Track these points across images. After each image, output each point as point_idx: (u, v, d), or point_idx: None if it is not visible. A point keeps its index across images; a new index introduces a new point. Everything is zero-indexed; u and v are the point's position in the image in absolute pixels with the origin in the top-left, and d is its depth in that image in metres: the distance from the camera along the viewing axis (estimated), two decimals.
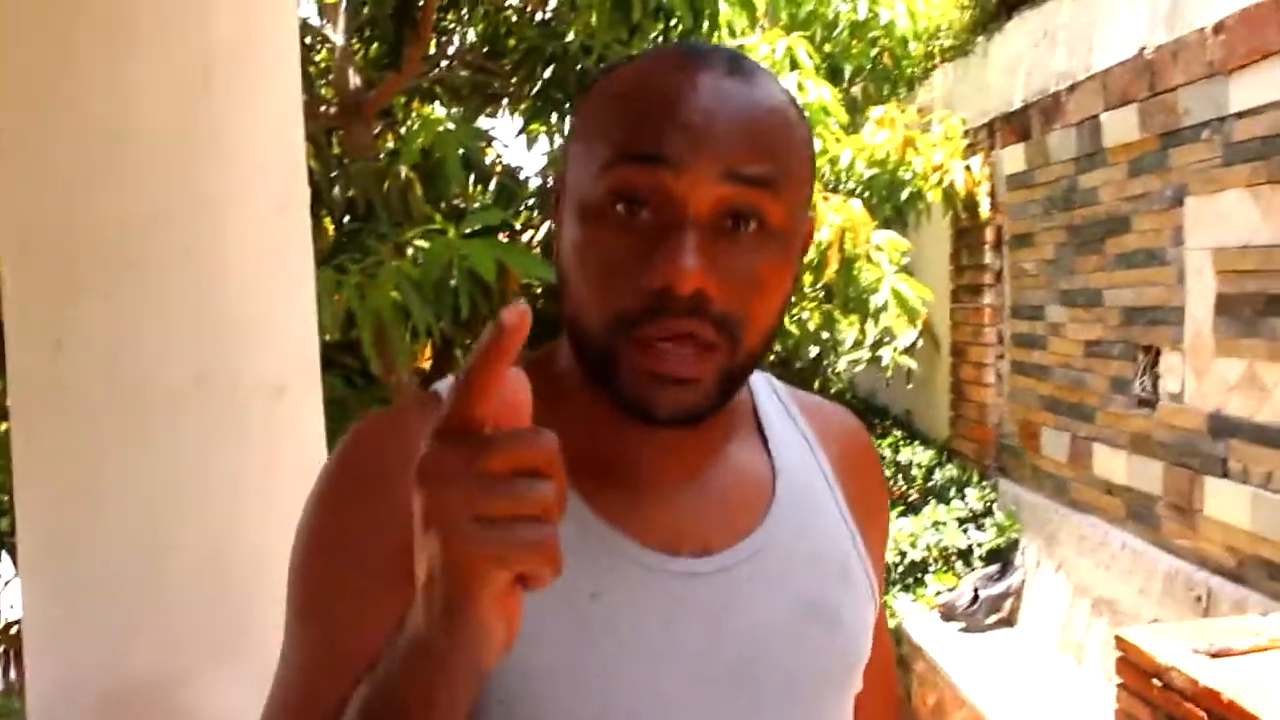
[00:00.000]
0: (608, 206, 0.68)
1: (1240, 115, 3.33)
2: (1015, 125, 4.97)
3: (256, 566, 1.64)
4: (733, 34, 4.77)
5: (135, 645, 1.54)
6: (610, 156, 0.68)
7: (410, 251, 3.55)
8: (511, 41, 5.51)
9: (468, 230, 3.54)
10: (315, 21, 4.71)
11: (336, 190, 3.79)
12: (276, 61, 1.87)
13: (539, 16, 5.25)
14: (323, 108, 4.37)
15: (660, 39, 4.21)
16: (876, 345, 5.64)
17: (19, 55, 1.52)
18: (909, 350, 5.81)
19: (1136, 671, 2.35)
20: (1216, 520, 3.49)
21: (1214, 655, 2.22)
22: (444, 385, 0.80)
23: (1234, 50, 3.34)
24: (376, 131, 4.88)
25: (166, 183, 1.61)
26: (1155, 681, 2.27)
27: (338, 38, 4.38)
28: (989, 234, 5.33)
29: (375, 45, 5.39)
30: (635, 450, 0.76)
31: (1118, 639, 2.43)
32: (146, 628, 1.56)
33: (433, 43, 4.96)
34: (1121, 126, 4.01)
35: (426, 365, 5.28)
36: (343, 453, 0.76)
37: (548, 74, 4.68)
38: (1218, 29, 3.42)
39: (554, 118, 5.09)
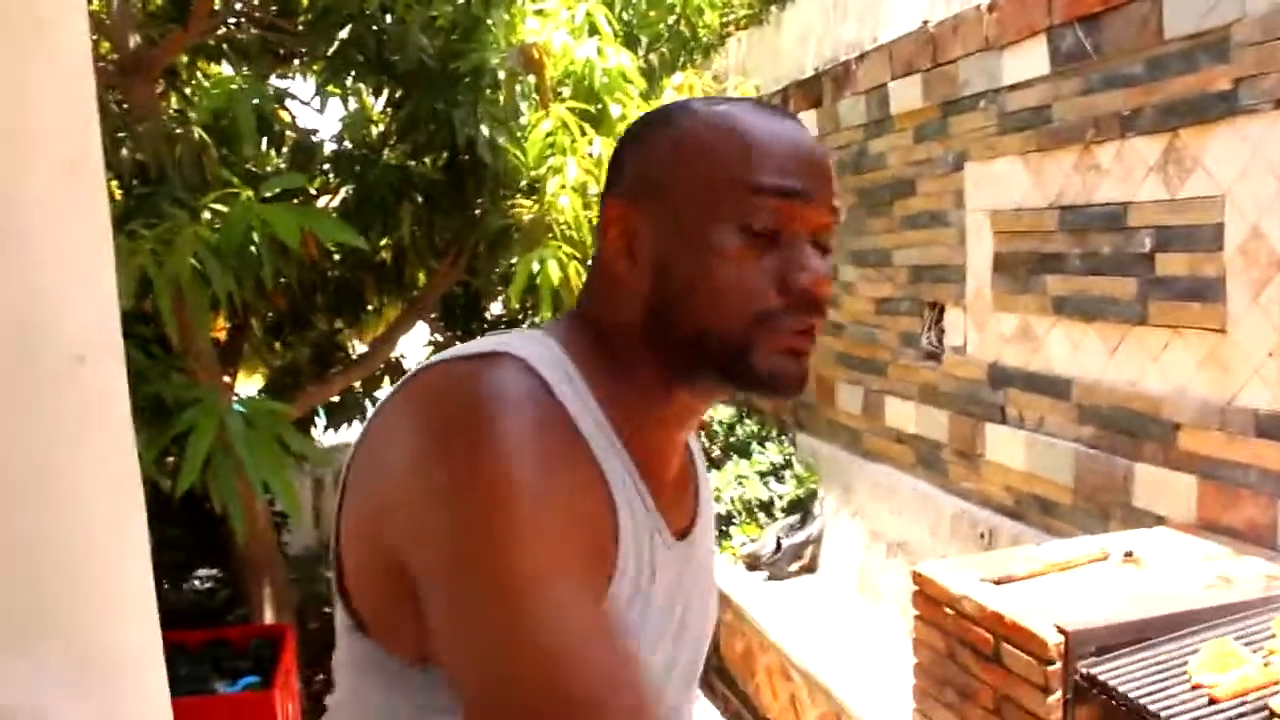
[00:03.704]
0: (750, 230, 0.84)
1: (1012, 88, 3.59)
2: (808, 92, 5.18)
3: (59, 547, 1.56)
4: None
5: None
6: (763, 188, 0.83)
7: (207, 216, 3.39)
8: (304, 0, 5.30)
9: (267, 195, 3.40)
10: None
11: (124, 152, 3.57)
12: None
13: None
14: (100, 64, 4.09)
15: (463, 1, 4.15)
16: None
17: None
18: None
19: (931, 602, 2.54)
20: (996, 463, 3.78)
21: (998, 583, 2.42)
22: (494, 344, 0.82)
23: (1006, 27, 3.59)
24: (159, 91, 4.61)
25: None
26: (948, 610, 2.45)
27: None
28: None
29: None
30: (671, 437, 0.91)
31: (914, 574, 2.61)
32: None
33: None
34: (907, 95, 4.24)
35: (221, 335, 5.05)
36: (492, 397, 0.76)
37: (344, 34, 4.52)
38: (991, 7, 3.67)
39: (350, 80, 4.94)
